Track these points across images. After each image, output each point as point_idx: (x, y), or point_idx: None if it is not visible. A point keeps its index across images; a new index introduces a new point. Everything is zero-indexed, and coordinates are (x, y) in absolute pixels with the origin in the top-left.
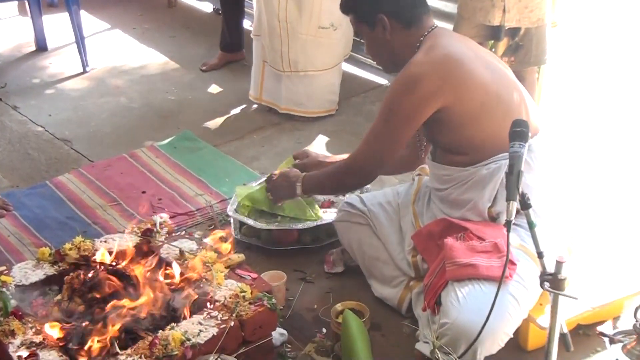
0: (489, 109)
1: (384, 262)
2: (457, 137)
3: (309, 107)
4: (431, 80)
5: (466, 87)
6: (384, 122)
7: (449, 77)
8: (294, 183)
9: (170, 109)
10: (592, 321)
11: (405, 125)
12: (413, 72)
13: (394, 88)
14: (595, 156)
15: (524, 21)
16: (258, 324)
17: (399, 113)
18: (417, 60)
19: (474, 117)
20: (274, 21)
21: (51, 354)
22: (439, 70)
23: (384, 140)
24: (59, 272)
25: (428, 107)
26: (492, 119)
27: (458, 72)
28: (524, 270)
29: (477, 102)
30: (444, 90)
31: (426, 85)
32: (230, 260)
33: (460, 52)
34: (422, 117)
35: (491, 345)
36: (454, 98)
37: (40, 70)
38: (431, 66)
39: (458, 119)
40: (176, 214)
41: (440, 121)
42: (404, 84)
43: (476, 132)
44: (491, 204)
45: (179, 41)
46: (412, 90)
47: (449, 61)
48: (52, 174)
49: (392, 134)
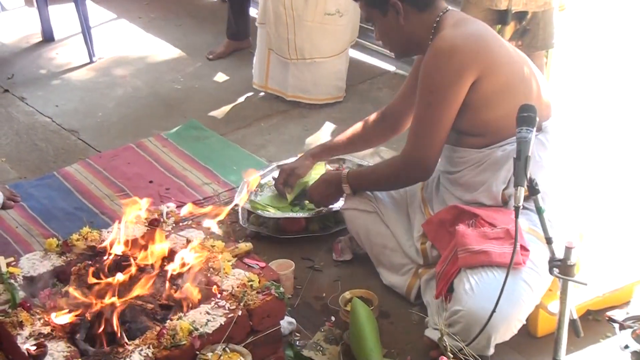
0: (511, 88)
1: (392, 250)
2: (477, 119)
3: (316, 94)
4: (465, 50)
5: (497, 61)
6: (426, 106)
7: (481, 49)
8: (339, 184)
9: (176, 98)
10: (602, 307)
11: (448, 102)
12: (446, 45)
13: (428, 66)
14: (605, 141)
15: (530, 5)
16: (266, 313)
17: (439, 90)
18: (446, 34)
19: (498, 96)
20: (280, 9)
21: (59, 345)
22: (471, 42)
23: (432, 125)
24: (66, 262)
25: (466, 79)
26: (514, 99)
27: (487, 46)
28: (537, 255)
29: (503, 79)
30: (477, 61)
31: (461, 55)
32: (237, 249)
33: (485, 28)
34: (462, 90)
35: (505, 332)
36: (486, 72)
37: (47, 61)
38: (463, 38)
39: (483, 98)
40: (183, 203)
41: (465, 102)
42: (438, 58)
43: (497, 113)
44: (506, 186)
45: (185, 30)
46: (448, 63)
47: (478, 35)
48: (59, 164)
49: (438, 115)
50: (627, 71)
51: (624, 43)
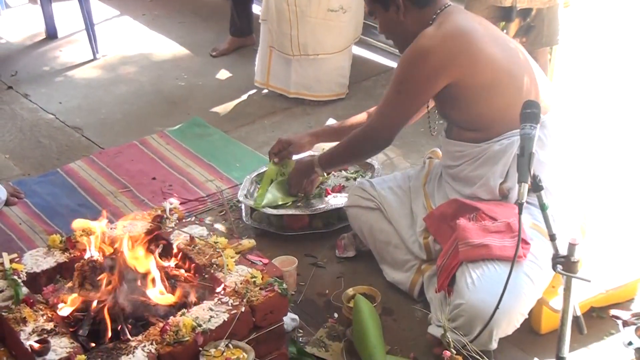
0: (499, 85)
1: (395, 247)
2: (469, 113)
3: (319, 90)
4: (440, 53)
5: (475, 61)
6: (396, 92)
7: (458, 51)
8: (311, 168)
9: (180, 95)
10: (605, 304)
11: (417, 96)
12: (423, 45)
13: (405, 60)
14: (608, 137)
15: (535, 1)
16: (269, 309)
17: (410, 84)
18: (427, 33)
19: (485, 93)
20: (283, 5)
21: (62, 340)
22: (448, 44)
23: (397, 109)
24: (70, 259)
25: (438, 80)
26: (504, 95)
27: (467, 46)
28: (538, 249)
29: (488, 77)
30: (453, 63)
31: (435, 58)
32: (240, 245)
33: (471, 27)
34: (433, 89)
35: (507, 326)
36: (464, 72)
37: (51, 58)
38: (441, 40)
39: (469, 94)
40: (187, 200)
41: (452, 96)
42: (414, 56)
43: (488, 109)
44: (503, 180)
45: (189, 27)
46: (422, 63)
47: (458, 35)
48: (63, 161)
49: (404, 103)
50: (631, 68)
51: (628, 40)
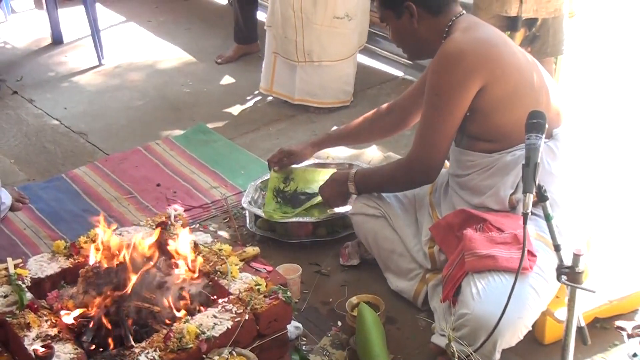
0: (521, 94)
1: (400, 255)
2: (487, 125)
3: (323, 97)
4: (473, 55)
5: (505, 67)
6: (433, 109)
7: (488, 55)
8: (345, 182)
9: (185, 102)
10: (609, 314)
11: (455, 106)
12: (454, 49)
13: (436, 69)
14: (613, 148)
15: (541, 12)
16: (273, 317)
17: (446, 93)
18: (456, 38)
19: (507, 102)
20: (289, 11)
21: (66, 346)
22: (478, 48)
23: (439, 127)
24: (74, 264)
25: (473, 83)
26: (523, 105)
27: (496, 51)
28: (544, 261)
29: (512, 86)
30: (485, 67)
31: (468, 60)
32: (245, 253)
33: (497, 34)
34: (470, 94)
35: (511, 337)
36: (493, 77)
37: (56, 64)
38: (471, 44)
39: (492, 104)
40: (191, 207)
41: (474, 108)
42: (446, 61)
43: (507, 119)
44: (513, 191)
45: (194, 33)
46: (455, 66)
47: (487, 41)
48: (67, 167)
49: (444, 118)
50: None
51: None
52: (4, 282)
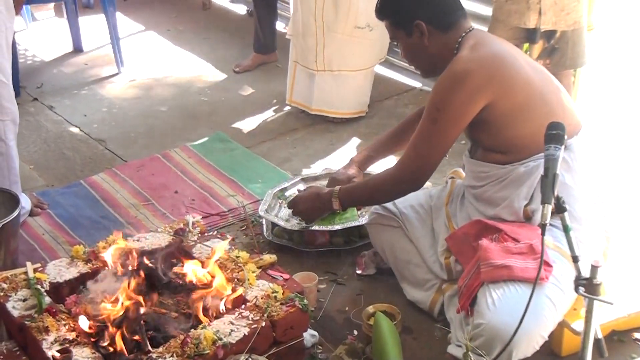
0: (533, 108)
1: (416, 265)
2: (500, 137)
3: (340, 107)
4: (479, 75)
5: (512, 83)
6: (432, 122)
7: (495, 72)
8: (328, 199)
9: (203, 110)
10: (627, 327)
11: (455, 123)
12: (460, 68)
13: (441, 86)
14: (630, 159)
15: (560, 24)
16: (289, 324)
17: (448, 111)
18: (462, 57)
19: (518, 116)
20: (310, 20)
21: (84, 350)
22: (485, 66)
23: (434, 142)
24: (92, 270)
25: (476, 103)
26: (535, 118)
27: (504, 68)
28: (560, 272)
29: (521, 100)
30: (491, 85)
31: (474, 80)
32: (262, 260)
33: (504, 50)
34: (471, 113)
35: (526, 348)
36: (500, 94)
37: (76, 71)
38: (478, 62)
39: (502, 117)
40: (209, 214)
41: (484, 120)
42: (452, 81)
43: (519, 132)
44: (528, 202)
45: (213, 43)
46: (460, 86)
47: (494, 57)
48: (86, 173)
49: (442, 133)
50: None
51: None
52: (23, 286)
